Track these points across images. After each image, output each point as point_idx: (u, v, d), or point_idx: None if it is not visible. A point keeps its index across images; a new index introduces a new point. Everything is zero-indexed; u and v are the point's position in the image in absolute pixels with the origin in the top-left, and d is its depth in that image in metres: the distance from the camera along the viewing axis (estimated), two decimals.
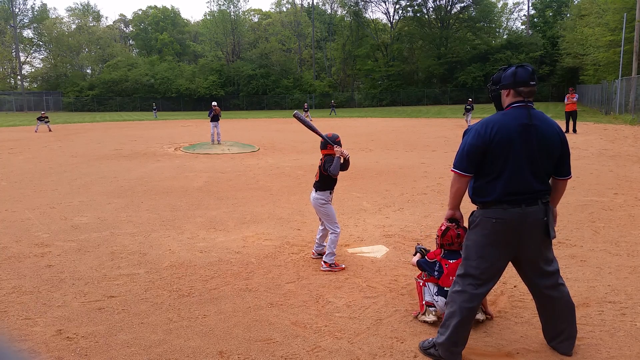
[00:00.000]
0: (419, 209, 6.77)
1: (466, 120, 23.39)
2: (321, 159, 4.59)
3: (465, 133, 2.89)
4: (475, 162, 2.77)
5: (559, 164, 2.85)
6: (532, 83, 2.75)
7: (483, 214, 2.79)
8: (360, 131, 22.29)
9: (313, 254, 4.81)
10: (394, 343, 3.12)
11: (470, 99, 26.16)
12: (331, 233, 4.55)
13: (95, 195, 8.19)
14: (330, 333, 3.26)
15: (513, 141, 2.68)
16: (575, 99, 18.72)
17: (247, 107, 59.53)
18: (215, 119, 16.77)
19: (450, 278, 3.35)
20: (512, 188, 2.71)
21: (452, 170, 2.88)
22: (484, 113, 34.97)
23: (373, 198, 7.59)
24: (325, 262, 4.50)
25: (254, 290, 4.03)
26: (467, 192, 2.93)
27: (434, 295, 3.38)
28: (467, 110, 23.45)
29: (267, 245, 5.26)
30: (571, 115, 18.62)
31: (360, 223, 6.10)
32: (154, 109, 43.97)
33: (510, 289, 3.94)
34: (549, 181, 2.89)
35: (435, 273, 3.46)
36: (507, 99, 2.83)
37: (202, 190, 8.48)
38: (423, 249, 3.70)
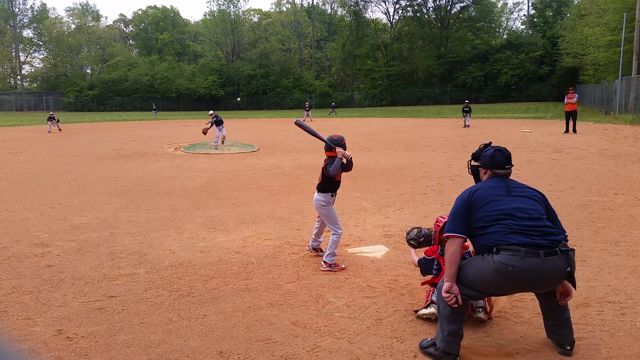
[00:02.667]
0: (419, 209, 6.77)
1: (465, 123, 23.25)
2: (325, 160, 4.61)
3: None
4: (463, 221, 2.87)
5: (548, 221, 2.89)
6: (507, 167, 2.99)
7: (499, 259, 2.69)
8: (360, 131, 22.29)
9: (308, 246, 4.91)
10: (394, 343, 3.12)
11: (467, 101, 25.91)
12: (333, 234, 4.55)
13: (95, 195, 8.19)
14: (330, 333, 3.26)
15: (493, 193, 2.87)
16: (574, 99, 18.71)
17: (247, 107, 59.51)
18: (219, 123, 16.45)
19: None
20: (517, 229, 2.72)
21: (444, 237, 2.98)
22: (483, 113, 34.96)
23: (373, 198, 7.59)
24: (325, 262, 4.50)
25: (254, 290, 4.03)
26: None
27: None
28: (466, 112, 23.29)
29: (267, 245, 5.26)
30: (571, 115, 18.62)
31: (360, 223, 6.10)
32: (154, 109, 43.94)
33: None
34: (554, 226, 2.89)
35: (434, 272, 3.47)
36: (484, 176, 3.07)
37: (202, 190, 8.48)
38: (413, 239, 3.71)
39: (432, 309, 3.39)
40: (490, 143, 3.08)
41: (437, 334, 2.93)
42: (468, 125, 22.94)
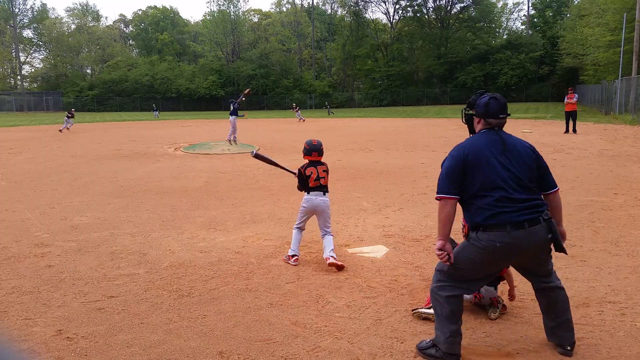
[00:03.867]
0: (419, 209, 6.77)
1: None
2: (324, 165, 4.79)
3: (443, 162, 2.93)
4: (457, 182, 2.79)
5: (540, 178, 2.89)
6: (502, 116, 2.88)
7: (487, 237, 2.71)
8: (360, 131, 22.29)
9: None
10: (394, 343, 3.12)
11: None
12: (330, 234, 4.65)
13: (95, 195, 8.19)
14: (330, 333, 3.26)
15: (487, 155, 2.76)
16: (574, 99, 18.69)
17: (247, 107, 59.48)
18: (234, 112, 15.99)
19: None
20: (506, 202, 2.70)
21: (437, 198, 2.86)
22: None
23: (373, 198, 7.59)
24: (333, 256, 4.48)
25: (254, 290, 4.03)
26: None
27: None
28: None
29: (267, 245, 5.26)
30: (571, 116, 18.60)
31: (360, 223, 6.10)
32: (155, 110, 43.87)
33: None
34: (541, 195, 2.90)
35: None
36: (478, 125, 2.97)
37: (202, 190, 8.48)
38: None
39: (432, 310, 3.39)
40: (486, 91, 2.98)
41: (437, 337, 2.91)
42: None
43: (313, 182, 4.69)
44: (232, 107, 15.49)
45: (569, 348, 2.92)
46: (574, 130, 18.42)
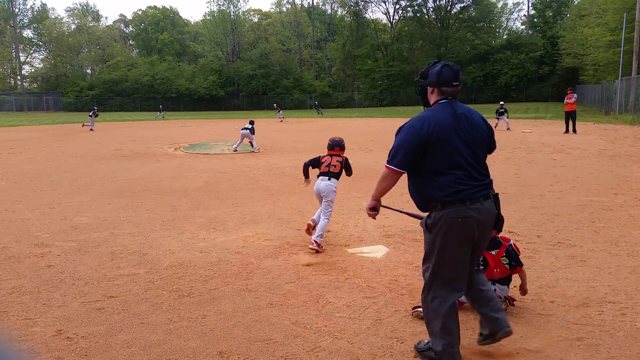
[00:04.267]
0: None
1: (505, 123, 21.05)
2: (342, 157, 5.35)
3: (398, 131, 2.86)
4: (412, 158, 2.76)
5: (490, 145, 2.95)
6: (455, 83, 2.81)
7: (446, 215, 2.70)
8: (360, 131, 22.29)
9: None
10: (394, 343, 3.12)
11: (502, 102, 23.47)
12: (327, 218, 5.10)
13: (95, 195, 8.19)
14: (330, 333, 3.26)
15: (450, 134, 2.72)
16: (572, 100, 18.65)
17: (247, 107, 59.51)
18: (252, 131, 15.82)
19: (495, 270, 3.47)
20: (467, 180, 2.70)
21: (386, 167, 2.84)
22: (483, 114, 34.98)
23: None
24: (317, 242, 4.94)
25: (254, 290, 4.03)
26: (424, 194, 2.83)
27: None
28: (501, 114, 21.20)
29: (267, 245, 5.26)
30: (570, 116, 18.58)
31: (360, 223, 6.10)
32: (161, 111, 43.90)
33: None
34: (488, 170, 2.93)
35: (481, 267, 3.49)
36: (432, 96, 2.89)
37: (202, 190, 8.48)
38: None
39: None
40: (438, 61, 2.90)
41: (434, 343, 2.84)
42: (509, 129, 20.54)
43: (324, 167, 5.26)
44: (250, 127, 15.31)
45: (508, 327, 2.85)
46: (574, 130, 18.43)
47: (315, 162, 5.36)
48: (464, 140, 2.74)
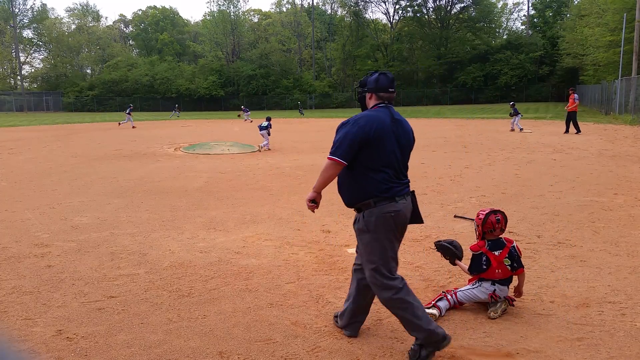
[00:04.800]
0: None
1: (516, 125, 20.08)
2: None
3: (341, 126, 2.99)
4: (354, 151, 2.90)
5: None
6: (391, 90, 3.06)
7: (380, 211, 2.89)
8: None
9: None
10: (394, 343, 3.12)
11: (512, 102, 23.04)
12: None
13: (95, 195, 8.19)
14: (330, 333, 3.26)
15: (388, 135, 2.94)
16: (572, 100, 18.51)
17: (247, 107, 59.47)
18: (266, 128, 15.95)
19: (497, 271, 3.50)
20: (397, 180, 2.97)
21: (329, 158, 2.93)
22: (483, 114, 34.96)
23: None
24: None
25: (254, 290, 4.03)
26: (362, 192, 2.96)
27: (490, 285, 3.52)
28: (514, 114, 20.28)
29: (267, 245, 5.26)
30: (570, 116, 18.44)
31: None
32: (176, 110, 44.09)
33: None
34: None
35: (483, 267, 3.50)
36: (370, 101, 3.09)
37: (202, 190, 8.48)
38: (447, 244, 3.72)
39: (433, 310, 3.40)
40: (376, 71, 3.13)
41: (418, 338, 2.88)
42: (522, 129, 19.84)
43: None
44: (266, 124, 15.46)
45: (444, 341, 2.90)
46: (577, 131, 18.26)
47: None
48: (398, 143, 2.99)
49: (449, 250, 3.72)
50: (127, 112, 28.83)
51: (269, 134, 15.34)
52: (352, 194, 3.00)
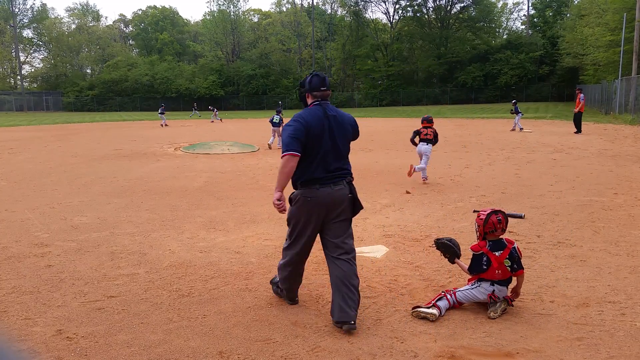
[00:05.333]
0: (419, 209, 6.77)
1: (516, 125, 20.14)
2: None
3: (285, 128, 3.40)
4: (301, 143, 3.29)
5: (353, 138, 3.61)
6: (323, 88, 3.45)
7: (301, 194, 3.40)
8: (360, 131, 22.25)
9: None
10: (394, 343, 3.12)
11: (514, 100, 22.97)
12: (425, 165, 8.67)
13: (95, 195, 8.19)
14: (330, 333, 3.26)
15: (320, 129, 3.35)
16: (580, 99, 18.39)
17: (247, 107, 59.53)
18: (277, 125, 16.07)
19: (497, 272, 3.50)
20: (322, 169, 3.35)
21: (283, 156, 3.31)
22: (483, 113, 34.97)
23: (373, 198, 7.59)
24: (425, 177, 8.84)
25: (254, 290, 4.03)
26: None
27: (490, 285, 3.53)
28: (514, 113, 20.27)
29: (267, 245, 5.26)
30: (576, 116, 18.28)
31: (360, 223, 6.10)
32: (195, 109, 44.34)
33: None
34: (348, 162, 3.56)
35: (484, 267, 3.50)
36: (308, 100, 3.51)
37: (202, 190, 8.48)
38: (447, 241, 3.72)
39: (433, 310, 3.40)
40: (316, 73, 3.50)
41: (280, 284, 3.70)
42: (522, 129, 19.95)
43: (422, 136, 8.77)
44: (277, 119, 15.50)
45: (352, 322, 3.21)
46: (577, 130, 18.21)
47: (417, 133, 8.77)
48: (331, 136, 3.38)
49: (449, 249, 3.72)
50: (160, 112, 30.12)
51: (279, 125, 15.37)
52: (292, 179, 3.44)
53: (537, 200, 7.21)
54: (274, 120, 15.57)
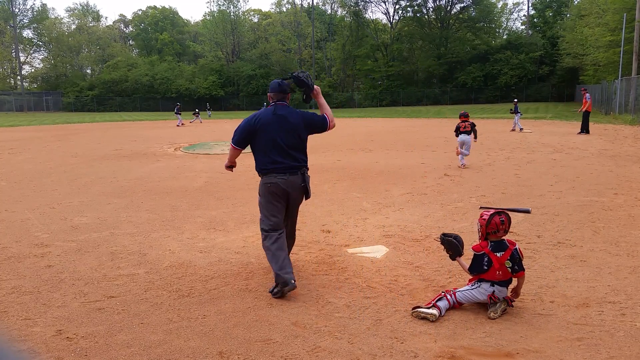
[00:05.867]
0: (419, 209, 6.77)
1: (516, 124, 20.12)
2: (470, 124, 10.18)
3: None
4: (245, 140, 4.11)
5: (314, 131, 4.22)
6: (277, 91, 4.12)
7: (262, 181, 4.07)
8: (360, 131, 22.29)
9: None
10: (394, 343, 3.12)
11: (515, 100, 22.92)
12: (467, 153, 10.45)
13: (95, 195, 8.19)
14: (330, 333, 3.26)
15: (268, 127, 3.98)
16: (586, 99, 18.32)
17: (247, 107, 59.52)
18: None
19: (498, 273, 3.50)
20: (273, 159, 3.96)
21: (231, 145, 4.21)
22: (483, 114, 34.98)
23: (373, 198, 7.59)
24: (464, 164, 10.44)
25: (254, 290, 4.03)
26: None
27: (490, 286, 3.53)
28: (514, 112, 20.18)
29: None
30: (584, 116, 18.26)
31: (360, 223, 6.10)
32: (208, 109, 44.57)
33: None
34: (306, 153, 4.15)
35: (485, 267, 3.50)
36: (271, 100, 4.19)
37: (202, 190, 8.48)
38: (453, 239, 3.73)
39: (433, 310, 3.40)
40: (283, 79, 4.14)
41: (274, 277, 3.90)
42: (522, 129, 19.90)
43: (462, 129, 10.31)
44: None
45: (293, 281, 3.79)
46: (581, 131, 18.17)
47: (458, 127, 10.40)
48: (279, 132, 3.97)
49: (454, 247, 3.71)
50: (176, 111, 30.74)
51: None
52: (255, 167, 4.12)
53: (537, 200, 7.21)
54: None
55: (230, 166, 4.48)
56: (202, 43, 70.76)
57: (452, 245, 3.73)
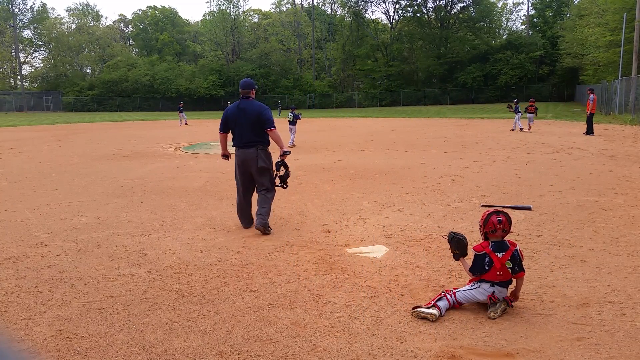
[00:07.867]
0: (419, 209, 6.77)
1: (516, 124, 20.10)
2: None
3: None
4: (224, 125, 5.79)
5: (262, 124, 5.63)
6: (244, 89, 5.68)
7: (235, 152, 5.73)
8: (360, 131, 22.29)
9: None
10: (394, 343, 3.12)
11: (516, 99, 22.73)
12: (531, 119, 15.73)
13: (95, 195, 8.19)
14: (330, 333, 3.26)
15: (234, 115, 5.66)
16: (590, 101, 18.27)
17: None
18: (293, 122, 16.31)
19: (498, 273, 3.51)
20: (239, 139, 5.64)
21: (219, 132, 5.87)
22: (483, 113, 34.96)
23: (373, 198, 7.59)
24: None
25: (254, 290, 4.03)
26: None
27: (490, 287, 3.54)
28: (516, 111, 20.12)
29: (267, 245, 5.25)
30: (588, 117, 18.22)
31: (360, 223, 6.10)
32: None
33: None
34: (263, 136, 5.68)
35: (485, 267, 3.50)
36: (241, 95, 5.71)
37: (202, 190, 8.48)
38: (462, 239, 3.73)
39: (433, 310, 3.40)
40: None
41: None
42: (522, 129, 19.83)
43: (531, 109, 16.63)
44: (291, 117, 15.94)
45: (270, 229, 5.64)
46: (586, 131, 18.13)
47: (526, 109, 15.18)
48: (240, 120, 5.60)
49: (462, 246, 3.70)
50: (180, 110, 30.86)
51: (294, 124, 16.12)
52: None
53: (537, 200, 7.21)
54: (289, 119, 16.13)
55: (225, 155, 5.97)
56: (202, 43, 70.76)
57: (460, 244, 3.71)
